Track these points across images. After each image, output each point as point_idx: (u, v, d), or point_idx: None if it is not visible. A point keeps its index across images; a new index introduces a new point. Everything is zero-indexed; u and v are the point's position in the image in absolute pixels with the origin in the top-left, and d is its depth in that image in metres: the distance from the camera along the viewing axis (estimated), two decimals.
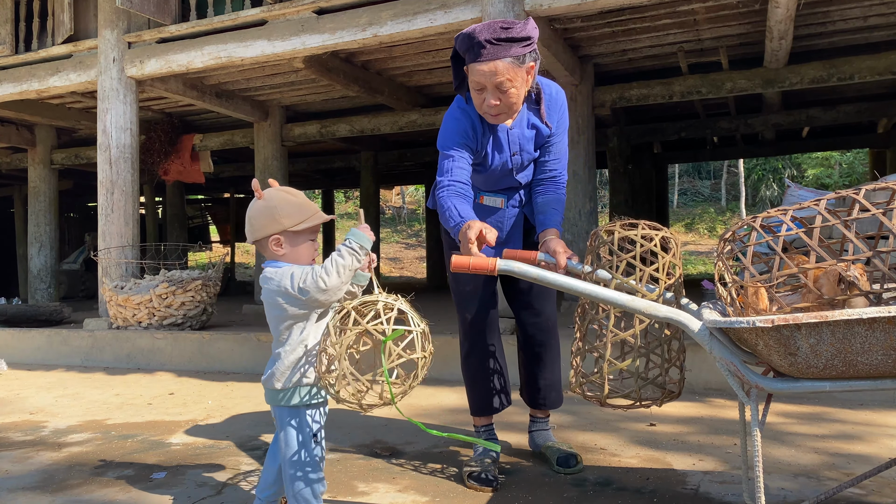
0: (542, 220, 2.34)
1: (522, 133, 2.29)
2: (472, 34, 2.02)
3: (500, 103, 2.09)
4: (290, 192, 1.81)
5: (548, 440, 2.54)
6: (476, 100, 2.13)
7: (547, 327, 2.49)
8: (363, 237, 1.74)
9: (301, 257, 1.80)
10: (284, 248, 1.78)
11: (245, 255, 20.83)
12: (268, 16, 5.37)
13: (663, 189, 12.49)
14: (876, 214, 1.43)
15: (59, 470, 2.60)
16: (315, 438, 1.77)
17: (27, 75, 6.49)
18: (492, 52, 2.00)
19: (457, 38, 2.08)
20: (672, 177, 28.09)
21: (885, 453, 2.54)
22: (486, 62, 2.01)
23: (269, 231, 1.77)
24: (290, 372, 1.77)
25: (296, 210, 1.78)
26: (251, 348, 4.85)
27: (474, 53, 2.03)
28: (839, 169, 23.18)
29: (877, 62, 5.73)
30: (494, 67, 2.01)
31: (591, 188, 6.30)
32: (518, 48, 2.02)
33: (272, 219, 1.76)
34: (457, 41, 2.08)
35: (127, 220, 6.00)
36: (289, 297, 1.74)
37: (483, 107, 2.12)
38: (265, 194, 1.80)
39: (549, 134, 2.32)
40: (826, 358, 1.42)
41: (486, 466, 2.29)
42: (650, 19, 5.37)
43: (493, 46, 2.00)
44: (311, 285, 1.70)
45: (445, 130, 2.25)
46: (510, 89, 2.06)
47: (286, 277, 1.73)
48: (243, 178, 12.53)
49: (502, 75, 2.02)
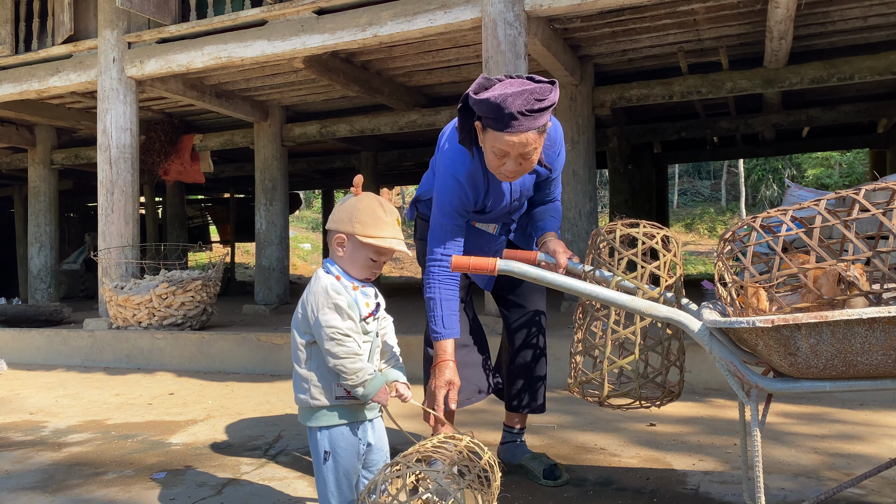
0: (541, 226, 2.33)
1: (523, 180, 2.24)
2: (503, 105, 1.85)
3: (521, 167, 2.00)
4: (383, 205, 1.77)
5: (525, 452, 2.47)
6: (493, 162, 2.00)
7: (533, 328, 2.43)
8: (374, 389, 1.69)
9: (354, 269, 1.75)
10: (345, 251, 1.75)
11: (245, 255, 20.82)
12: (268, 16, 5.37)
13: (663, 189, 12.49)
14: (876, 214, 1.43)
15: (59, 470, 2.60)
16: (325, 460, 1.72)
17: (27, 75, 6.49)
18: (524, 123, 1.87)
19: (477, 100, 1.91)
20: (672, 177, 28.08)
21: (885, 453, 2.54)
22: (516, 134, 1.89)
23: (340, 228, 1.74)
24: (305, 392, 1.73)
25: (373, 222, 1.73)
26: (251, 348, 4.84)
27: (503, 123, 1.88)
28: (839, 169, 23.16)
29: (877, 62, 5.74)
30: (526, 139, 1.90)
31: (591, 188, 6.30)
32: (545, 117, 1.91)
33: (349, 218, 1.74)
34: (477, 103, 1.91)
35: (127, 220, 6.00)
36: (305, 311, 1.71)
37: (501, 170, 2.01)
38: (362, 195, 1.77)
39: (547, 175, 2.28)
40: (826, 358, 1.42)
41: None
42: (650, 19, 5.37)
43: (525, 118, 1.87)
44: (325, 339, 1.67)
45: (446, 193, 2.13)
46: (532, 156, 1.97)
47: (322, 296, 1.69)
48: (243, 178, 12.54)
49: (530, 146, 1.92)
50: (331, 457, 1.72)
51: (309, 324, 1.71)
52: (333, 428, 1.73)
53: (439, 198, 2.15)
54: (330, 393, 1.71)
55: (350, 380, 1.67)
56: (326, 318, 1.66)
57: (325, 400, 1.71)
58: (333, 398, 1.71)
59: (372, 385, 1.69)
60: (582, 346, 2.01)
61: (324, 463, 1.72)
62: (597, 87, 6.58)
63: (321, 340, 1.67)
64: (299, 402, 1.75)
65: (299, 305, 1.75)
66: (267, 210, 7.94)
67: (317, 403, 1.71)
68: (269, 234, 7.92)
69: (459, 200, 2.12)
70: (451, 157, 2.13)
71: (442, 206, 2.14)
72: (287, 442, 2.92)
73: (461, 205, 2.13)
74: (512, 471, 2.41)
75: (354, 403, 1.74)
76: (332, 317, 1.67)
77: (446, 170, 2.13)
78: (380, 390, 1.70)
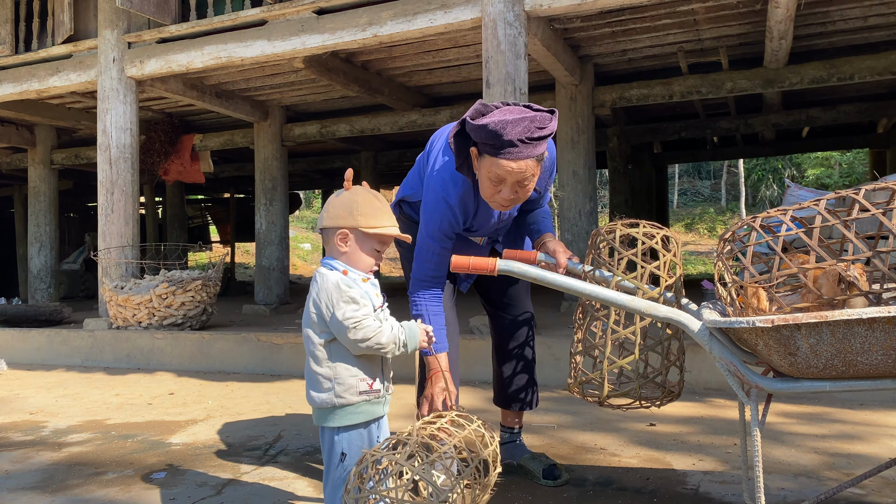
0: (536, 228, 2.33)
1: None
2: (502, 132, 1.83)
3: (515, 197, 1.97)
4: (377, 195, 1.78)
5: (524, 452, 2.46)
6: (488, 190, 1.98)
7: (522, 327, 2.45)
8: (414, 339, 1.74)
9: (360, 262, 1.75)
10: (348, 246, 1.74)
11: (245, 255, 20.81)
12: (268, 16, 5.37)
13: (663, 189, 12.49)
14: (876, 214, 1.43)
15: (59, 470, 2.60)
16: (342, 461, 1.71)
17: (27, 75, 6.49)
18: (523, 151, 1.86)
19: (475, 125, 1.89)
20: (672, 177, 28.08)
21: (885, 453, 2.54)
22: (515, 160, 1.87)
23: (341, 223, 1.73)
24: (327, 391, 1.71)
25: (374, 213, 1.73)
26: (251, 348, 4.84)
27: (501, 150, 1.87)
28: (839, 169, 23.15)
29: (877, 62, 5.74)
30: (525, 167, 1.88)
31: (591, 188, 6.30)
32: (543, 146, 1.90)
33: (349, 212, 1.73)
34: (475, 129, 1.90)
35: (127, 220, 6.00)
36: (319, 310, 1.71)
37: (496, 198, 1.99)
38: (354, 189, 1.77)
39: (537, 197, 2.28)
40: (826, 358, 1.42)
41: None
42: (650, 19, 5.37)
43: (525, 146, 1.86)
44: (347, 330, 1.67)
45: (435, 216, 2.10)
46: (529, 185, 1.95)
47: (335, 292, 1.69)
48: (243, 178, 12.53)
49: (527, 173, 1.90)
50: (347, 458, 1.70)
51: (325, 322, 1.70)
52: (352, 430, 1.71)
53: (427, 218, 2.13)
54: (354, 389, 1.70)
55: (389, 348, 1.70)
56: (343, 312, 1.66)
57: (349, 397, 1.70)
58: (357, 393, 1.70)
59: (410, 336, 1.75)
60: (582, 346, 2.01)
61: (339, 464, 1.70)
62: (597, 87, 6.58)
63: (343, 334, 1.67)
64: (319, 402, 1.71)
65: (310, 305, 1.73)
66: (267, 210, 7.94)
67: (342, 402, 1.69)
68: (269, 234, 7.93)
69: (448, 224, 2.11)
70: (444, 177, 2.10)
71: (430, 228, 2.12)
72: (287, 442, 2.92)
73: (450, 228, 2.12)
74: (511, 471, 2.41)
75: (376, 398, 1.74)
76: (348, 309, 1.67)
77: (437, 192, 2.10)
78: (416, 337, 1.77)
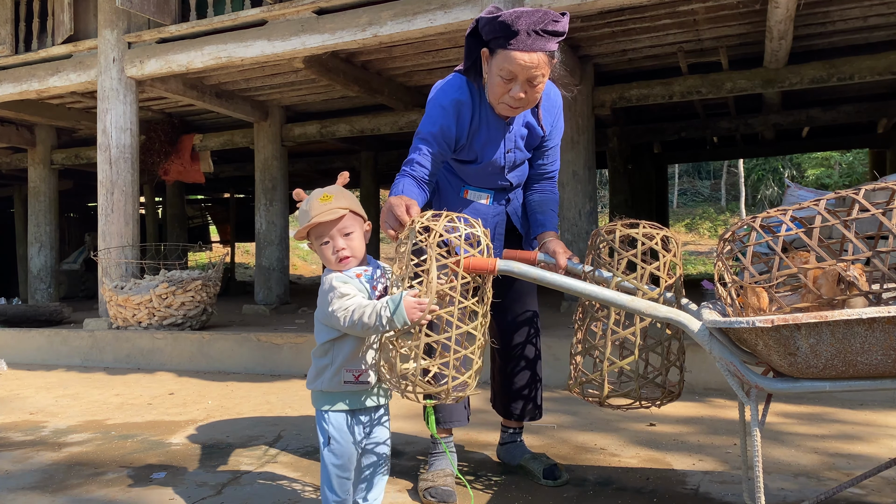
0: (542, 220, 2.28)
1: (518, 130, 2.20)
2: (516, 22, 1.82)
3: (525, 96, 1.94)
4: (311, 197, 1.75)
5: (525, 453, 2.43)
6: (498, 89, 1.95)
7: (525, 330, 2.36)
8: (402, 314, 1.60)
9: (327, 262, 1.76)
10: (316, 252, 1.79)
11: (245, 255, 20.81)
12: (268, 16, 5.37)
13: (663, 189, 12.49)
14: (876, 214, 1.43)
15: (59, 470, 2.60)
16: (329, 445, 1.75)
17: (27, 75, 6.49)
18: (537, 42, 1.83)
19: (489, 19, 1.88)
20: (672, 177, 28.08)
21: (885, 453, 2.54)
22: (527, 52, 1.85)
23: (361, 212, 1.79)
24: (314, 374, 1.79)
25: (301, 217, 1.76)
26: (251, 348, 4.84)
27: (514, 40, 1.84)
28: (839, 169, 23.15)
29: (877, 62, 5.74)
30: (537, 60, 1.86)
31: (591, 188, 6.30)
32: (555, 42, 1.88)
33: (359, 203, 1.78)
34: (489, 22, 1.88)
35: (127, 220, 6.00)
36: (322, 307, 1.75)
37: (505, 98, 1.96)
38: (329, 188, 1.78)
39: (542, 136, 2.24)
40: (826, 358, 1.42)
41: (444, 479, 2.19)
42: (650, 19, 5.37)
43: (538, 38, 1.83)
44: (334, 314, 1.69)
45: (427, 120, 2.08)
46: (539, 84, 1.92)
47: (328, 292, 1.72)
48: (243, 178, 12.53)
49: (540, 68, 1.88)
50: (332, 442, 1.75)
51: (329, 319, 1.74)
52: (337, 412, 1.76)
53: (421, 124, 2.09)
54: (339, 379, 1.74)
55: (378, 322, 1.62)
56: (336, 306, 1.69)
57: (334, 385, 1.74)
58: (342, 383, 1.73)
59: (395, 310, 1.61)
60: (582, 347, 2.01)
61: (325, 447, 1.76)
62: (597, 87, 6.58)
63: (339, 325, 1.69)
64: (309, 384, 1.80)
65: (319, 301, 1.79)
66: (267, 210, 7.95)
67: (327, 388, 1.75)
68: (269, 234, 7.93)
69: (440, 127, 2.05)
70: (441, 84, 2.10)
71: (420, 132, 2.08)
72: (287, 442, 2.92)
73: (440, 132, 2.05)
74: (512, 471, 2.41)
75: (359, 389, 1.76)
76: (339, 302, 1.70)
77: (432, 100, 2.09)
78: (406, 308, 1.61)
